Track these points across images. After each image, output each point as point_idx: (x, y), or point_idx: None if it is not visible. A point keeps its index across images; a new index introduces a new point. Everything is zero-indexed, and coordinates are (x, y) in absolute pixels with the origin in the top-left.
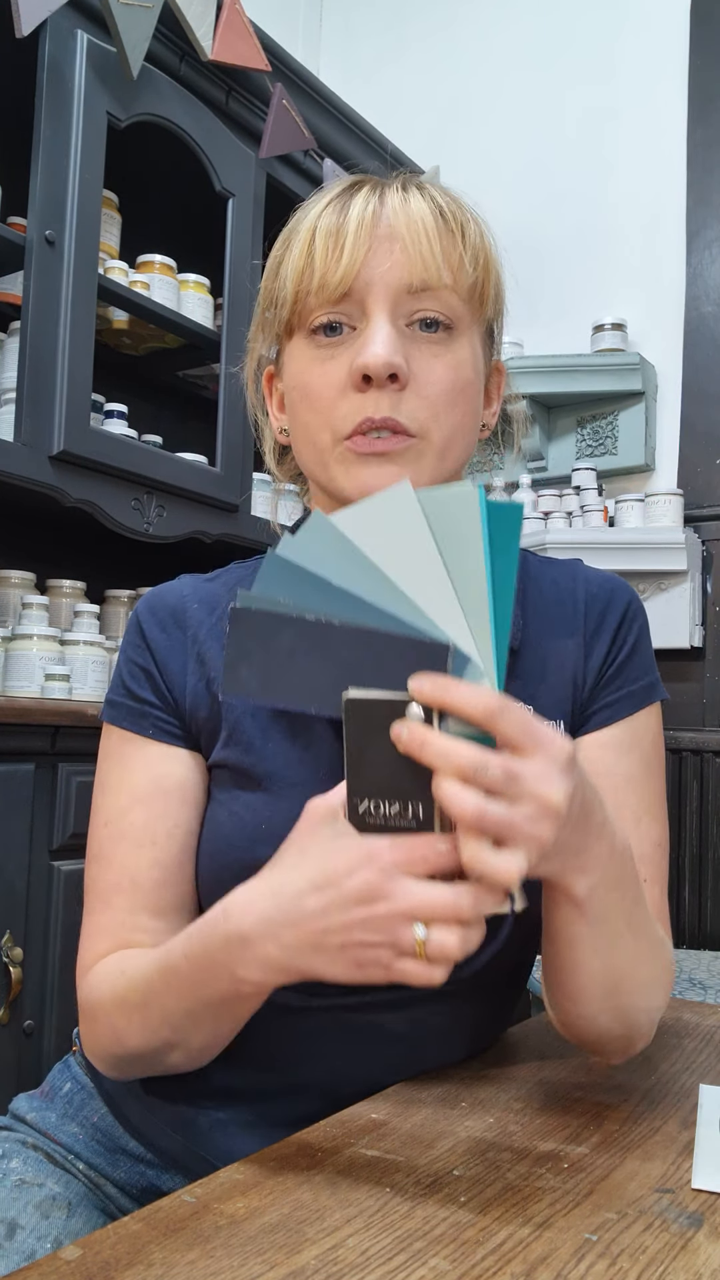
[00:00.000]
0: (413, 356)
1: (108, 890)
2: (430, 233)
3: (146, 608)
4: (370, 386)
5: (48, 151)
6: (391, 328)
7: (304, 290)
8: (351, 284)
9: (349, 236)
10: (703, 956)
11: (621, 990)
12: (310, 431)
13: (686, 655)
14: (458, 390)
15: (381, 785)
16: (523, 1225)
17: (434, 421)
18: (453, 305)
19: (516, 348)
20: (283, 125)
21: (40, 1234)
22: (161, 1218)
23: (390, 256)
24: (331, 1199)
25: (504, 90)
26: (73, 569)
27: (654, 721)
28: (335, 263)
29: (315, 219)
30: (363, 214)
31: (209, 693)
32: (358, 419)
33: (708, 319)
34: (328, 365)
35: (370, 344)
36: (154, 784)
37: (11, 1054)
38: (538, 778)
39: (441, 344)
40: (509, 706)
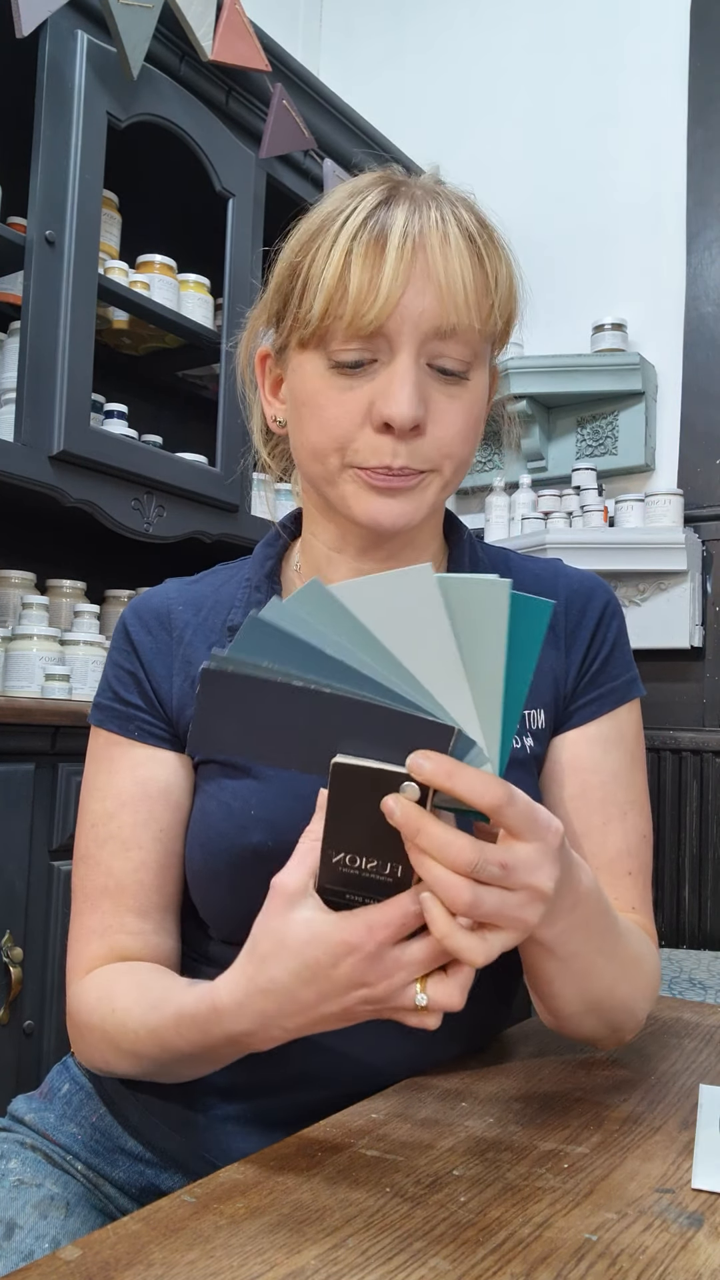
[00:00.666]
0: (431, 397)
1: (95, 893)
2: (467, 275)
3: (132, 613)
4: (390, 432)
5: (48, 151)
6: (416, 375)
7: (333, 316)
8: (385, 323)
9: (386, 271)
10: (703, 956)
11: (603, 1007)
12: (318, 450)
13: (686, 655)
14: (470, 429)
15: (360, 843)
16: (523, 1225)
17: (447, 460)
18: (474, 348)
19: (516, 348)
20: (283, 125)
21: (39, 1234)
22: (161, 1218)
23: (423, 298)
24: (331, 1199)
25: (504, 90)
26: (73, 569)
27: (635, 717)
28: (371, 300)
29: (350, 238)
30: (402, 242)
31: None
32: (374, 462)
33: (708, 319)
34: (346, 395)
35: (397, 398)
36: (139, 788)
37: (11, 1054)
38: (531, 867)
39: (459, 386)
40: (515, 798)
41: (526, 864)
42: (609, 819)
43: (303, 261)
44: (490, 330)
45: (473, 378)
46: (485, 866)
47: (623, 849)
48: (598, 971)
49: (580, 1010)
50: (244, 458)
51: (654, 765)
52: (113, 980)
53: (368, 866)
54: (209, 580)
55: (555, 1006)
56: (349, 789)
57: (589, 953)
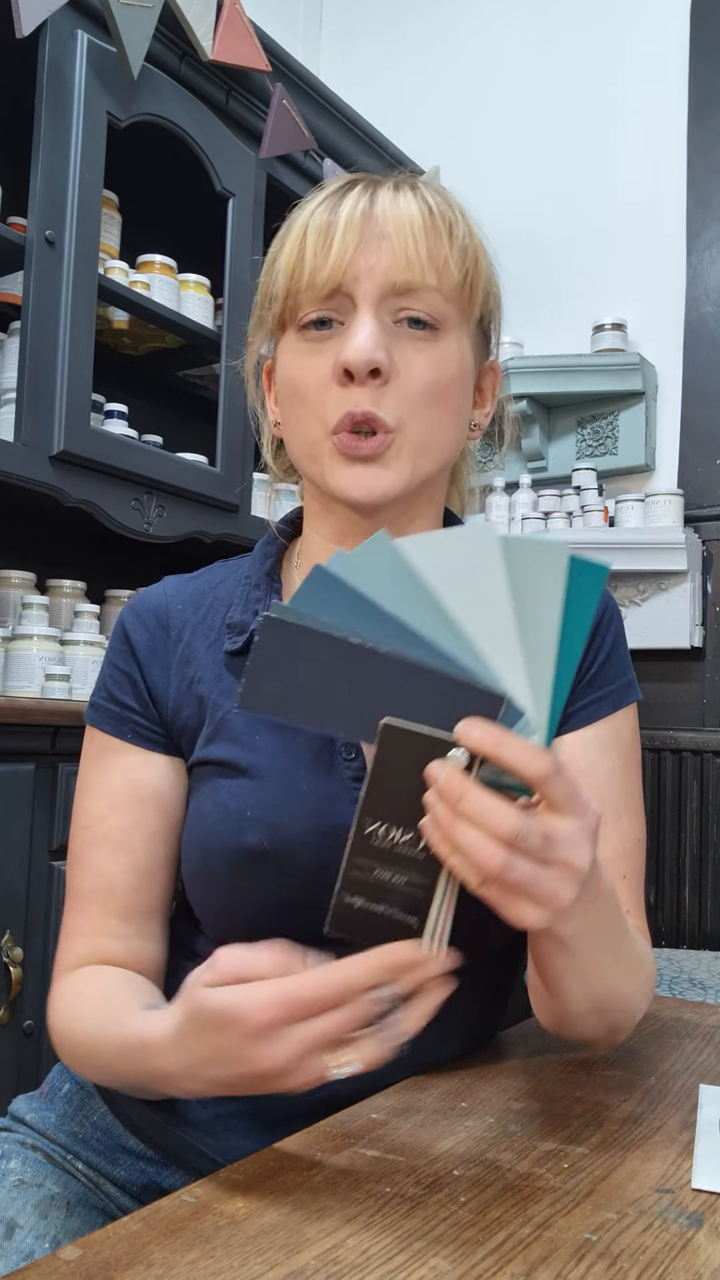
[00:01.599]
0: (396, 352)
1: (84, 894)
2: (417, 232)
3: (130, 611)
4: (352, 382)
5: (48, 151)
6: (376, 324)
7: (295, 287)
8: (340, 280)
9: (338, 234)
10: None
11: (606, 1007)
12: (301, 425)
13: (686, 655)
14: (439, 387)
15: (397, 814)
16: (523, 1225)
17: (411, 416)
18: (437, 305)
19: (516, 348)
20: (283, 125)
21: (39, 1233)
22: (161, 1218)
23: (378, 254)
24: (331, 1199)
25: (504, 90)
26: (73, 569)
27: (632, 720)
28: (324, 259)
29: (308, 217)
30: (352, 212)
31: (192, 692)
32: (340, 414)
33: (708, 319)
34: (315, 359)
35: (353, 340)
36: (131, 791)
37: (11, 1054)
38: (570, 843)
39: (426, 341)
40: (561, 771)
41: (567, 839)
42: (604, 822)
43: (275, 254)
44: (452, 286)
45: (444, 337)
46: (528, 836)
47: (618, 852)
48: (605, 970)
49: (585, 1009)
50: (245, 461)
51: (654, 765)
52: (83, 988)
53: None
54: (208, 577)
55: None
56: (395, 753)
57: (600, 950)
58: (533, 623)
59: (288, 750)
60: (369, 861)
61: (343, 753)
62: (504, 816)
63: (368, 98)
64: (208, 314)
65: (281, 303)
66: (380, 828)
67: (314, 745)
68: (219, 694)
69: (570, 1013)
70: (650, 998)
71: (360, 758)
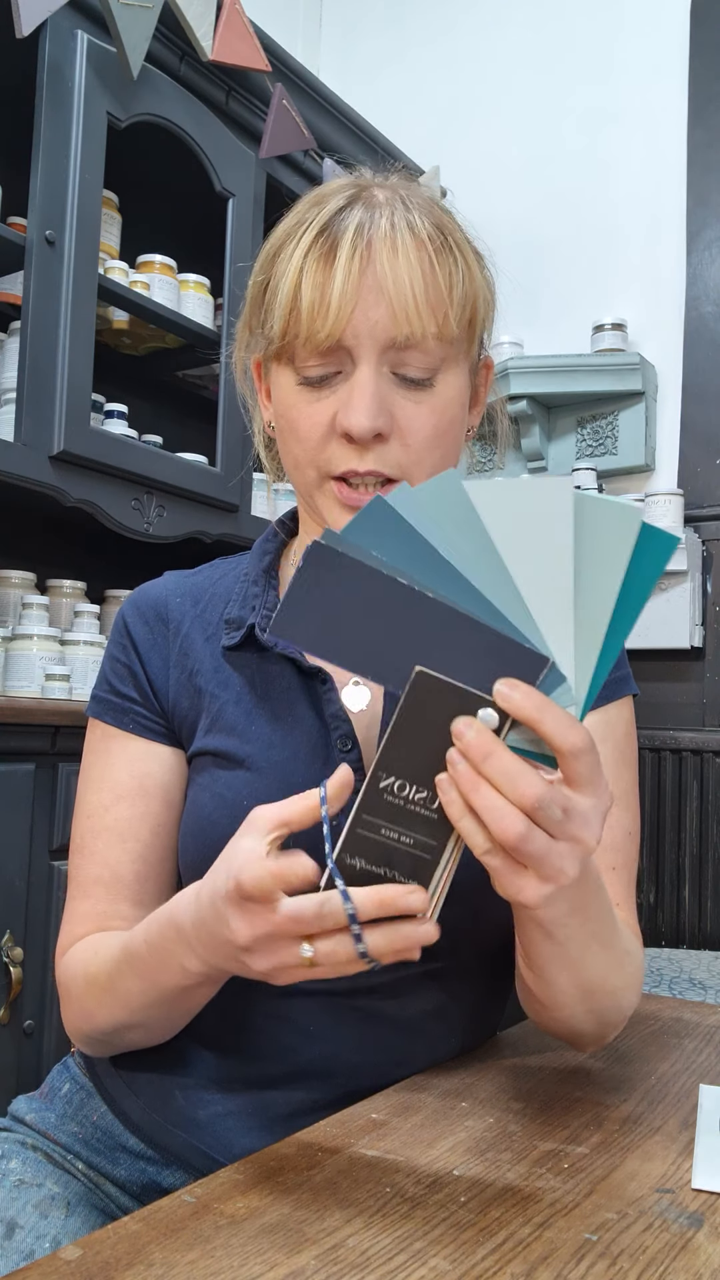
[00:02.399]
0: (395, 405)
1: (88, 881)
2: (417, 285)
3: (131, 605)
4: (354, 443)
5: (48, 151)
6: (375, 385)
7: (291, 334)
8: (339, 338)
9: (335, 289)
10: (703, 956)
11: (594, 998)
12: (298, 462)
13: (686, 655)
14: (440, 434)
15: (415, 769)
16: (523, 1225)
17: (416, 466)
18: (436, 354)
19: (516, 348)
20: (283, 125)
21: (39, 1233)
22: (161, 1218)
23: (377, 311)
24: (331, 1199)
25: (504, 90)
26: (73, 569)
27: (627, 714)
28: (323, 317)
29: (303, 257)
30: (349, 269)
31: (191, 684)
32: (343, 468)
33: (708, 319)
34: (314, 407)
35: (354, 409)
36: (136, 782)
37: (11, 1054)
38: (584, 822)
39: (424, 390)
40: (593, 750)
41: (583, 816)
42: None
43: (268, 279)
44: (450, 335)
45: (440, 382)
46: (550, 807)
47: (607, 844)
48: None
49: (572, 999)
50: (245, 461)
51: (654, 765)
52: (97, 938)
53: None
54: (207, 573)
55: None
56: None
57: (586, 938)
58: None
59: (285, 742)
60: (376, 820)
61: (339, 744)
62: (530, 783)
63: (368, 97)
64: (208, 314)
65: (278, 344)
66: (395, 783)
67: (311, 737)
68: (216, 686)
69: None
70: (639, 993)
71: (356, 749)
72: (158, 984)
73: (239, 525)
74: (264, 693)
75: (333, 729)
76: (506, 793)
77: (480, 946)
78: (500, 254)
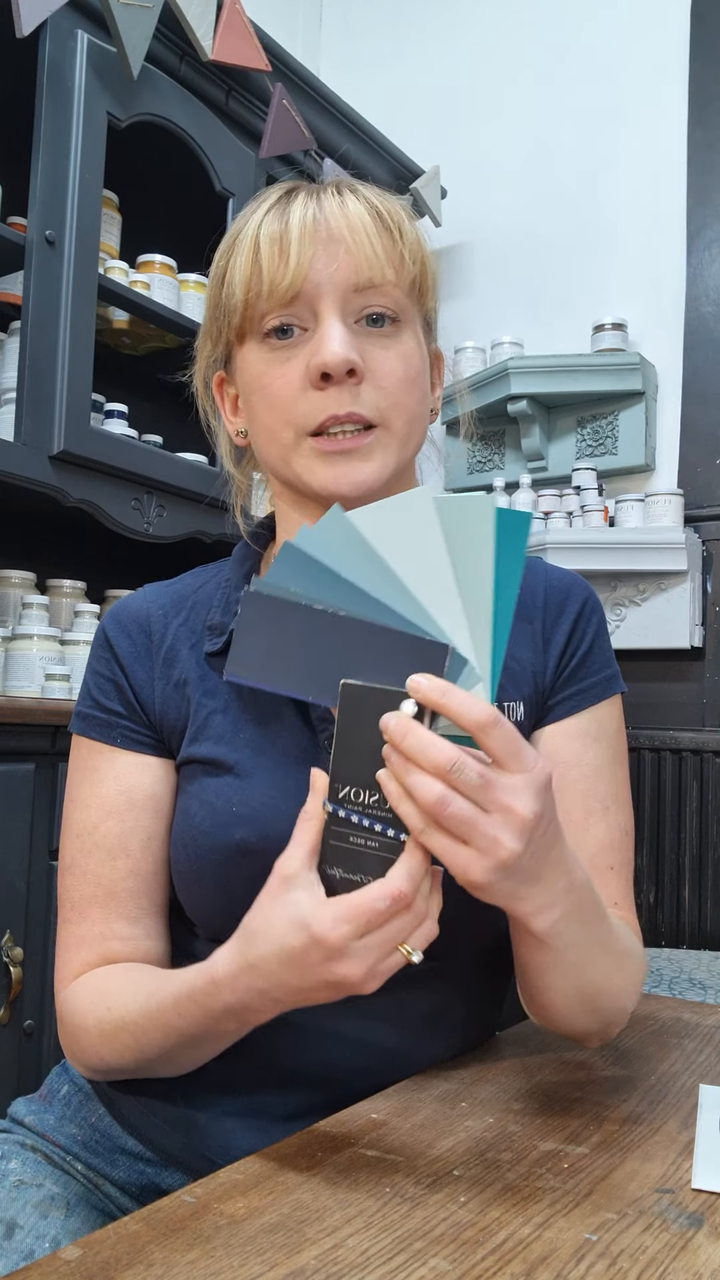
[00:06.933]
0: (365, 350)
1: (83, 902)
2: (371, 232)
3: (111, 618)
4: (330, 384)
5: (48, 151)
6: (343, 326)
7: (253, 296)
8: (300, 287)
9: (293, 241)
10: (703, 956)
11: (595, 1000)
12: (272, 430)
13: (686, 655)
14: (410, 378)
15: (364, 774)
16: (523, 1225)
17: (394, 410)
18: (397, 299)
19: (516, 348)
20: (283, 125)
21: (39, 1233)
22: (161, 1218)
23: (335, 258)
24: (331, 1199)
25: (504, 90)
26: (73, 569)
27: (616, 713)
28: (283, 268)
29: (256, 227)
30: (303, 218)
31: (178, 693)
32: (321, 416)
33: (708, 319)
34: (285, 366)
35: (326, 343)
36: (125, 796)
37: (11, 1054)
38: (511, 791)
39: (390, 336)
40: (501, 722)
41: (507, 785)
42: (590, 813)
43: (225, 267)
44: (408, 281)
45: (404, 331)
46: (462, 770)
47: (605, 843)
48: (593, 962)
49: (574, 1003)
50: None
51: (654, 765)
52: (105, 980)
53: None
54: (188, 582)
55: (549, 1000)
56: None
57: (584, 943)
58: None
59: (272, 746)
60: (343, 829)
61: (326, 745)
62: (439, 750)
63: (368, 97)
64: None
65: (240, 313)
66: (350, 791)
67: (299, 741)
68: (202, 694)
69: (559, 1007)
70: (641, 989)
71: None
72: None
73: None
74: (250, 698)
75: (319, 731)
76: (421, 763)
77: (479, 946)
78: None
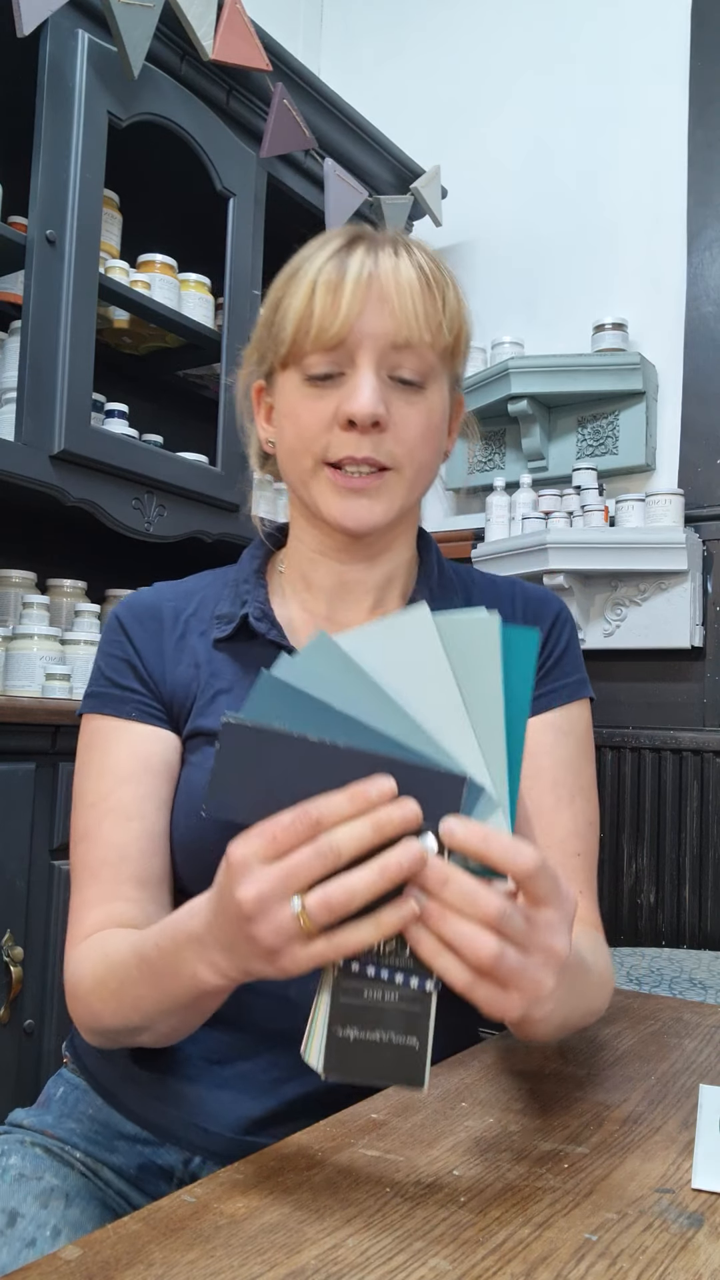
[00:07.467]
0: (391, 403)
1: (95, 864)
2: (417, 296)
3: (124, 607)
4: (354, 430)
5: (48, 151)
6: (376, 378)
7: (302, 334)
8: (345, 335)
9: (346, 293)
10: (703, 956)
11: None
12: (295, 455)
13: (686, 655)
14: (428, 434)
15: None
16: (523, 1225)
17: (408, 458)
18: (429, 361)
19: (517, 348)
20: (283, 125)
21: (40, 1223)
22: (161, 1217)
23: (380, 315)
24: (331, 1199)
25: (505, 90)
26: (73, 569)
27: (585, 715)
28: (333, 315)
29: (316, 270)
30: (359, 272)
31: (188, 673)
32: (341, 454)
33: (708, 319)
34: (318, 403)
35: (358, 394)
36: (140, 762)
37: (11, 1054)
38: (551, 930)
39: (417, 393)
40: (545, 867)
41: (548, 925)
42: (559, 801)
43: (281, 297)
44: (441, 344)
45: (429, 390)
46: (513, 917)
47: (571, 830)
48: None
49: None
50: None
51: (654, 765)
52: (107, 937)
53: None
54: (196, 582)
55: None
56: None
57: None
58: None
59: None
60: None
61: None
62: (488, 900)
63: (368, 97)
64: (208, 313)
65: (288, 346)
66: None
67: None
68: (210, 674)
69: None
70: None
71: None
72: (168, 992)
73: (239, 525)
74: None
75: None
76: (470, 913)
77: None
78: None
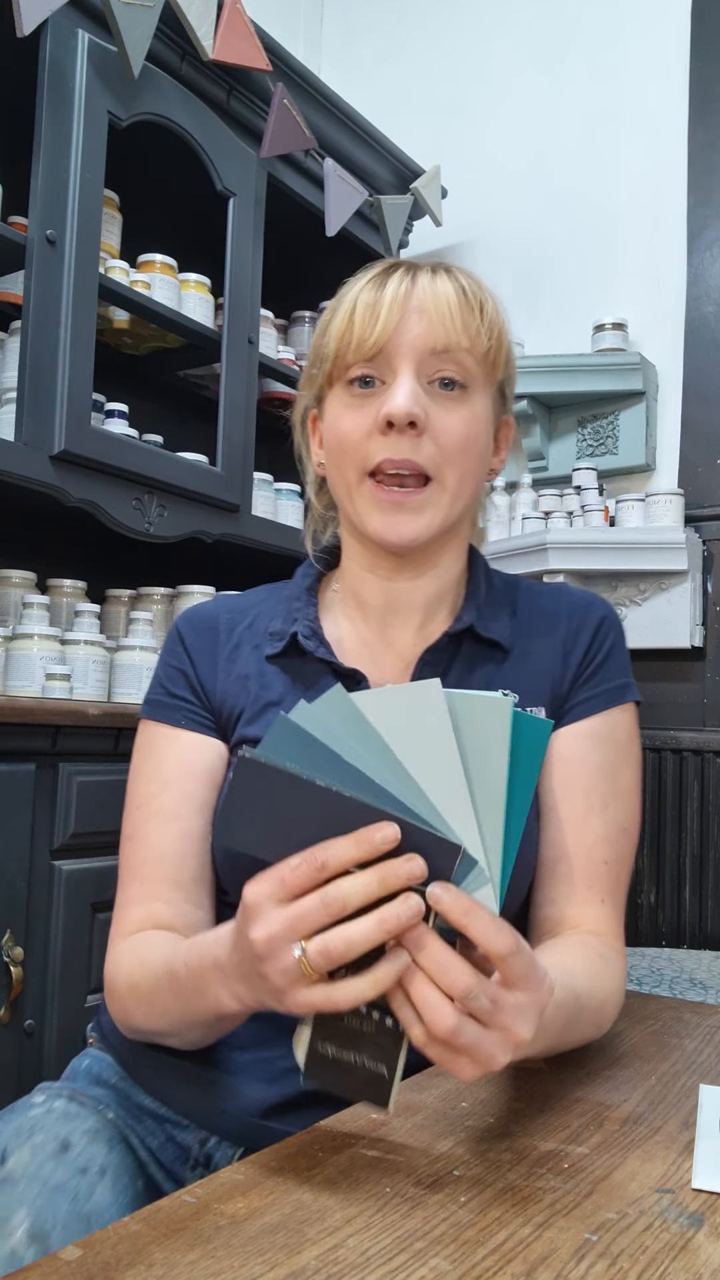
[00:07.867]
0: (431, 408)
1: (138, 864)
2: (453, 306)
3: (184, 619)
4: (393, 431)
5: (49, 151)
6: (414, 383)
7: (344, 348)
8: (384, 345)
9: (384, 308)
10: (703, 956)
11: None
12: (340, 468)
13: (686, 655)
14: (469, 440)
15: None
16: (523, 1225)
17: (447, 465)
18: (468, 366)
19: (517, 347)
20: (284, 125)
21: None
22: (162, 1218)
23: (417, 325)
24: (331, 1199)
25: (505, 90)
26: (73, 569)
27: (628, 719)
28: (371, 327)
29: (357, 293)
30: (397, 290)
31: (239, 685)
32: (379, 457)
33: (708, 319)
34: (359, 412)
35: (395, 395)
36: (184, 768)
37: (12, 1054)
38: (516, 1012)
39: (457, 400)
40: (521, 948)
41: (515, 1008)
42: (590, 808)
43: (327, 322)
44: (481, 352)
45: (472, 397)
46: (478, 997)
47: (600, 837)
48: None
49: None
50: (246, 461)
51: (654, 765)
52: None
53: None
54: (253, 597)
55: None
56: None
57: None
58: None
59: None
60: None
61: None
62: (458, 974)
63: (368, 97)
64: (208, 313)
65: (332, 362)
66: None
67: None
68: (260, 687)
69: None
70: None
71: None
72: (193, 1008)
73: (240, 525)
74: (304, 692)
75: None
76: (439, 980)
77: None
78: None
